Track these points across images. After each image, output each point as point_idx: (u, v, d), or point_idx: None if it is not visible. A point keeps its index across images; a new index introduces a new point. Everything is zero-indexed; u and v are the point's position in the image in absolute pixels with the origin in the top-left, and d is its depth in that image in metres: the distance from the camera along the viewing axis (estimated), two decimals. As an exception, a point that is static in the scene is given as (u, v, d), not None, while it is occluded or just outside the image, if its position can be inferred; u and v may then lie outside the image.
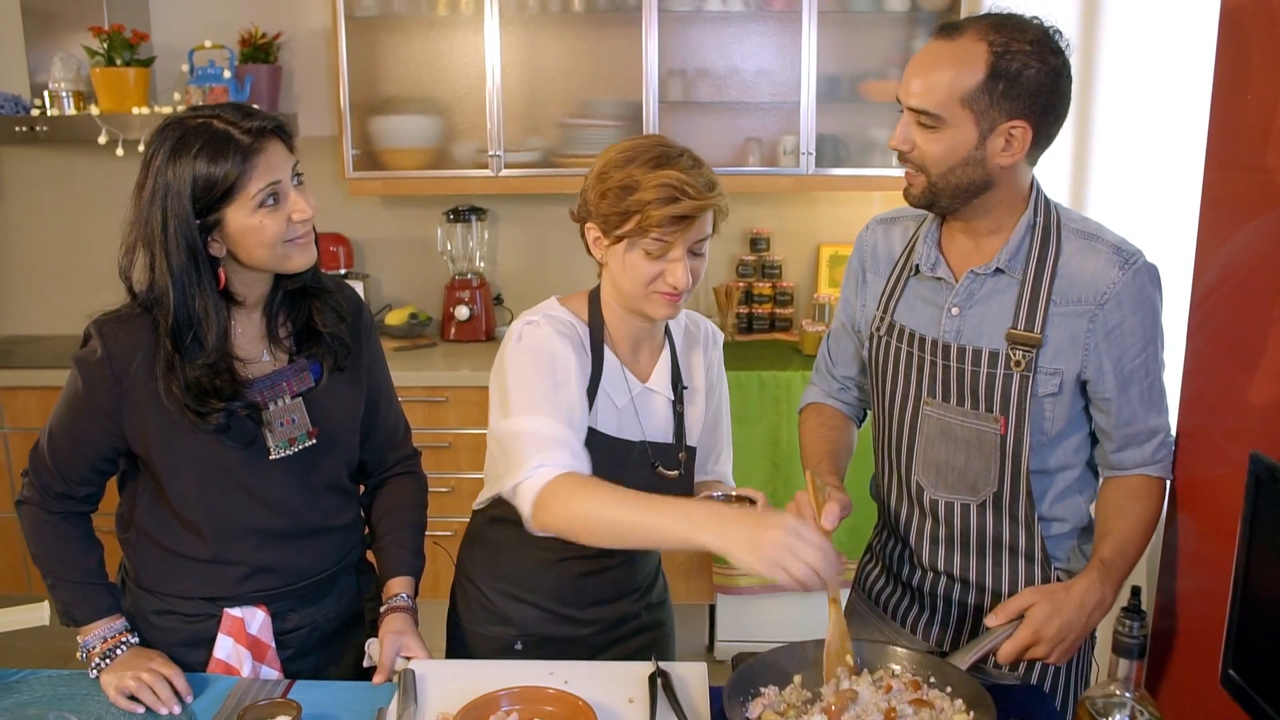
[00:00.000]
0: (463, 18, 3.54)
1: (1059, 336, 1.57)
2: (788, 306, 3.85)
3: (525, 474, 1.53)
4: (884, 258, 1.75)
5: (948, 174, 1.54)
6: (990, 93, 1.48)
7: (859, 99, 3.61)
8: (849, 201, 3.89)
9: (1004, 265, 1.59)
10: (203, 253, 1.54)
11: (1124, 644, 1.21)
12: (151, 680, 1.57)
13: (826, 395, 1.90)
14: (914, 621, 1.76)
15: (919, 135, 1.54)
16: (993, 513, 1.63)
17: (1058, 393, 1.58)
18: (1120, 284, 1.55)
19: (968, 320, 1.61)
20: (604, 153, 1.66)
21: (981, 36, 1.49)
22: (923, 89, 1.51)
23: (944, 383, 1.63)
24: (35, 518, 1.68)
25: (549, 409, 1.58)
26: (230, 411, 1.58)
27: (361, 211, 3.93)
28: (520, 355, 1.64)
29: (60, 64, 3.50)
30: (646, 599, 1.87)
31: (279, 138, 1.56)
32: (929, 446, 1.66)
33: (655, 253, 1.58)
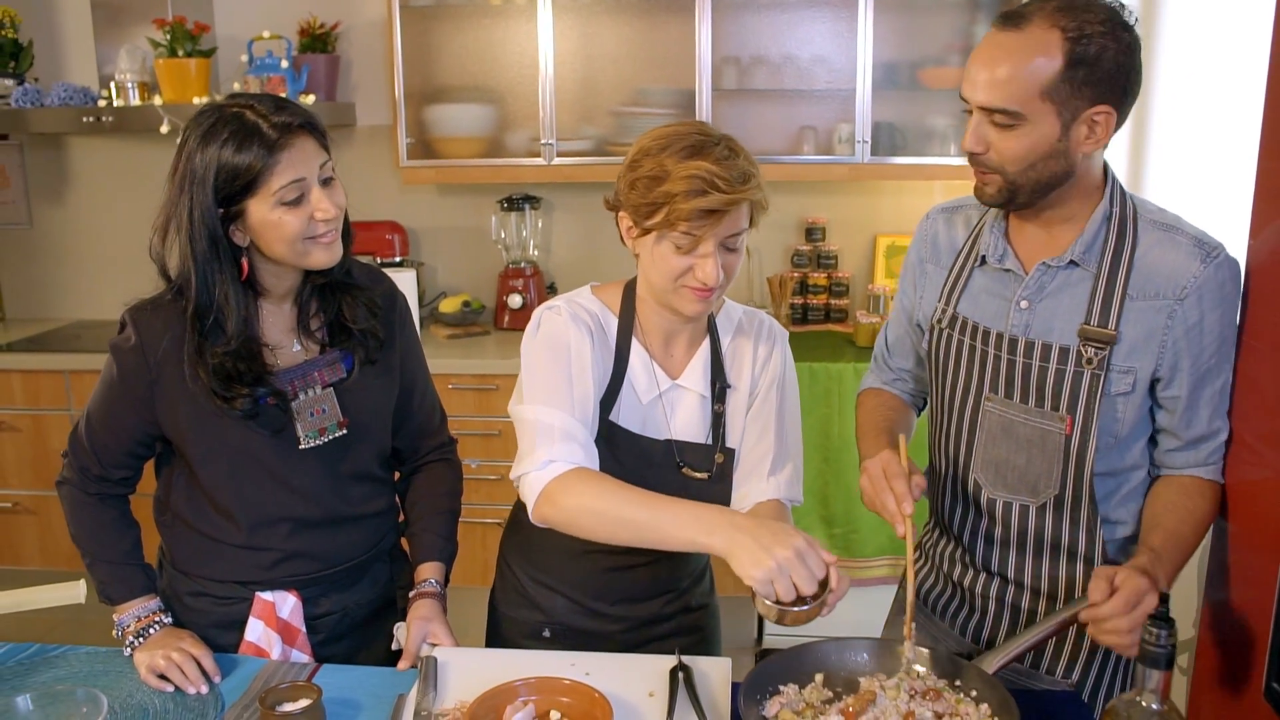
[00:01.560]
0: (516, 6, 3.54)
1: (1134, 333, 1.49)
2: (843, 297, 3.79)
3: (533, 466, 1.52)
4: (945, 248, 1.69)
5: (1028, 170, 1.46)
6: (1071, 81, 1.39)
7: (917, 86, 3.53)
8: (907, 191, 3.82)
9: (1078, 257, 1.51)
10: (224, 241, 1.55)
11: (1151, 653, 1.15)
12: (180, 660, 1.60)
13: (882, 384, 1.86)
14: (963, 623, 1.71)
15: (994, 134, 1.45)
16: (1053, 515, 1.57)
17: (1130, 392, 1.51)
18: (1202, 278, 1.47)
19: (1037, 314, 1.54)
20: (640, 138, 1.58)
21: (1052, 22, 1.40)
22: (996, 85, 1.41)
23: (1008, 378, 1.57)
24: (74, 498, 1.72)
25: (561, 400, 1.56)
26: (257, 398, 1.60)
27: (416, 200, 3.96)
28: (538, 344, 1.61)
29: (126, 55, 3.58)
30: (684, 601, 1.81)
31: (310, 133, 1.55)
32: (989, 444, 1.60)
33: (684, 247, 1.51)
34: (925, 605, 1.78)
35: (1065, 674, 1.62)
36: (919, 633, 1.76)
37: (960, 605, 1.72)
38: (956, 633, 1.72)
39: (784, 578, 1.30)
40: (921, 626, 1.77)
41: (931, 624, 1.76)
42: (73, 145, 4.05)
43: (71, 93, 3.62)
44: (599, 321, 1.65)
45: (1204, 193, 2.07)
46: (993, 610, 1.67)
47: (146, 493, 1.79)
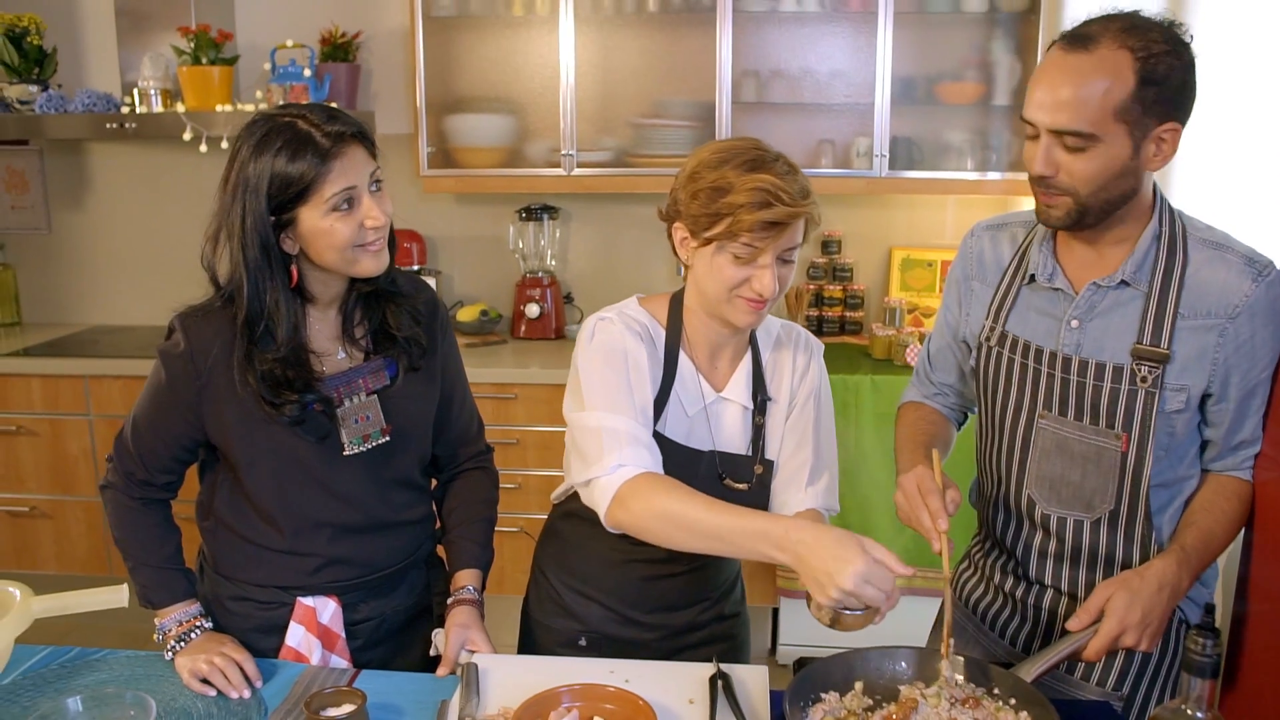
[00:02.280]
0: (538, 18, 3.57)
1: (1187, 352, 1.51)
2: (858, 310, 3.82)
3: (604, 470, 1.52)
4: (992, 266, 1.70)
5: (1099, 191, 1.46)
6: (1142, 101, 1.40)
7: (934, 101, 3.56)
8: (922, 205, 3.84)
9: (1129, 277, 1.53)
10: (275, 249, 1.57)
11: (1196, 662, 1.17)
12: (223, 664, 1.62)
13: (923, 397, 1.87)
14: (1014, 633, 1.73)
15: (1064, 157, 1.44)
16: (1107, 530, 1.59)
17: (1184, 409, 1.53)
18: (1254, 296, 1.49)
19: (1088, 333, 1.56)
20: (696, 152, 1.62)
21: (1120, 43, 1.40)
22: (1068, 107, 1.41)
23: (1061, 397, 1.58)
24: (118, 502, 1.73)
25: (625, 406, 1.57)
26: (304, 404, 1.62)
27: (435, 209, 3.98)
28: (594, 351, 1.63)
29: (149, 63, 3.60)
30: (718, 609, 1.84)
31: (361, 143, 1.58)
32: (1043, 461, 1.61)
33: (744, 258, 1.54)
34: (975, 614, 1.79)
35: (1116, 685, 1.63)
36: (970, 644, 1.78)
37: (1011, 615, 1.73)
38: (1007, 643, 1.73)
39: (867, 588, 1.33)
40: (972, 637, 1.79)
41: (982, 634, 1.78)
42: (93, 151, 4.08)
43: (95, 99, 3.64)
44: (649, 332, 1.67)
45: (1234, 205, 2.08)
46: (1045, 620, 1.68)
47: (185, 499, 1.81)
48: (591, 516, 1.71)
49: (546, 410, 3.49)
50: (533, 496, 3.52)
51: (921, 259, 3.82)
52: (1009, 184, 3.51)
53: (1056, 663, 1.47)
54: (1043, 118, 1.44)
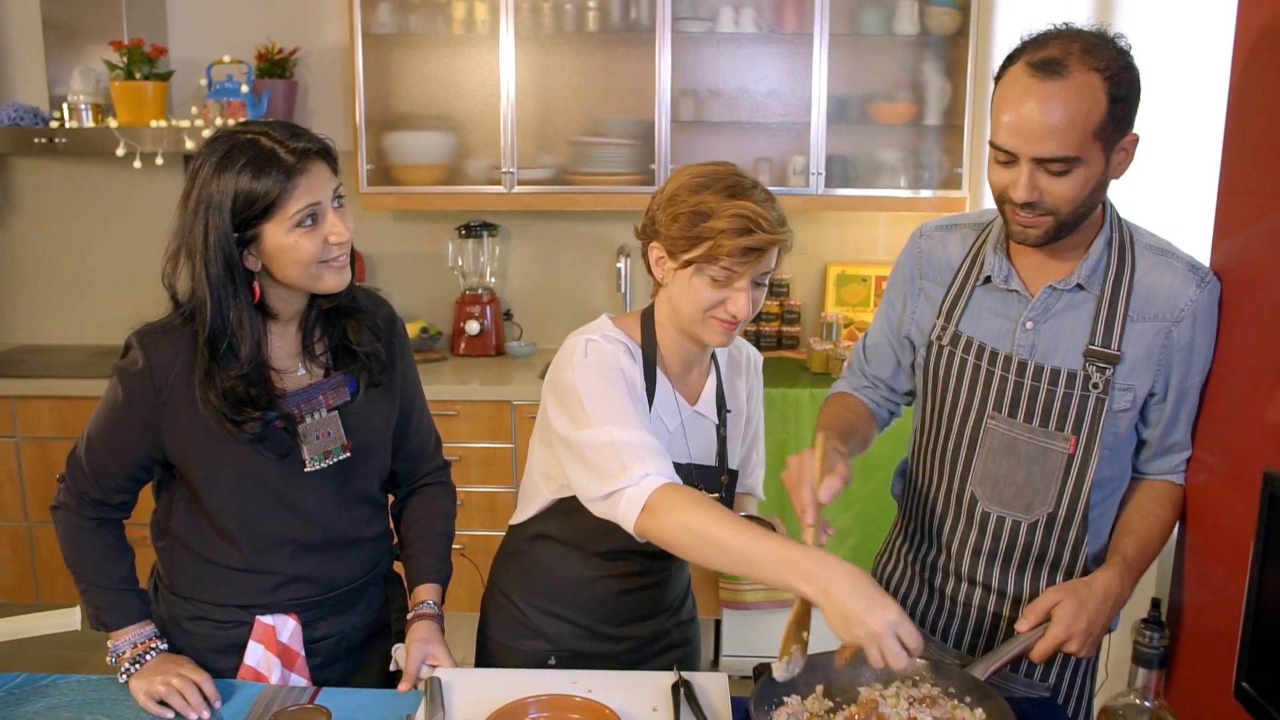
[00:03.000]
0: (478, 36, 3.59)
1: (1135, 352, 1.58)
2: (795, 325, 3.89)
3: (630, 480, 1.50)
4: (942, 265, 1.74)
5: (1079, 208, 1.51)
6: (1114, 117, 1.46)
7: (868, 120, 3.66)
8: (856, 222, 3.94)
9: (1084, 281, 1.59)
10: (239, 266, 1.57)
11: (1144, 654, 1.24)
12: (181, 685, 1.60)
13: (853, 390, 1.91)
14: (943, 628, 1.78)
15: (1046, 181, 1.48)
16: (1043, 532, 1.65)
17: (1129, 409, 1.60)
18: (1197, 301, 1.57)
19: (1042, 335, 1.62)
20: (675, 175, 1.65)
21: (1087, 65, 1.44)
22: (1054, 135, 1.44)
23: (1013, 398, 1.63)
24: (70, 523, 1.70)
25: (632, 419, 1.56)
26: (266, 422, 1.61)
27: (374, 226, 3.97)
28: (590, 369, 1.62)
29: (80, 77, 3.54)
30: (677, 617, 1.88)
31: (324, 159, 1.59)
32: (989, 460, 1.66)
33: (721, 280, 1.57)
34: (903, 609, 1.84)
35: (1043, 677, 1.71)
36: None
37: (939, 611, 1.79)
38: (938, 638, 1.79)
39: (873, 649, 1.31)
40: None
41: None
42: (19, 167, 3.98)
43: (22, 113, 3.56)
44: (630, 351, 1.69)
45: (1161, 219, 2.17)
46: (974, 617, 1.74)
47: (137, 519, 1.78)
48: (564, 537, 1.73)
49: (488, 427, 3.49)
50: (475, 513, 3.52)
51: (856, 274, 3.91)
52: (941, 201, 3.62)
53: (1007, 662, 1.53)
54: (1025, 147, 1.46)
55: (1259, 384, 1.52)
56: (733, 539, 1.43)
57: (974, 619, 1.74)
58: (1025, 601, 1.69)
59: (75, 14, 3.64)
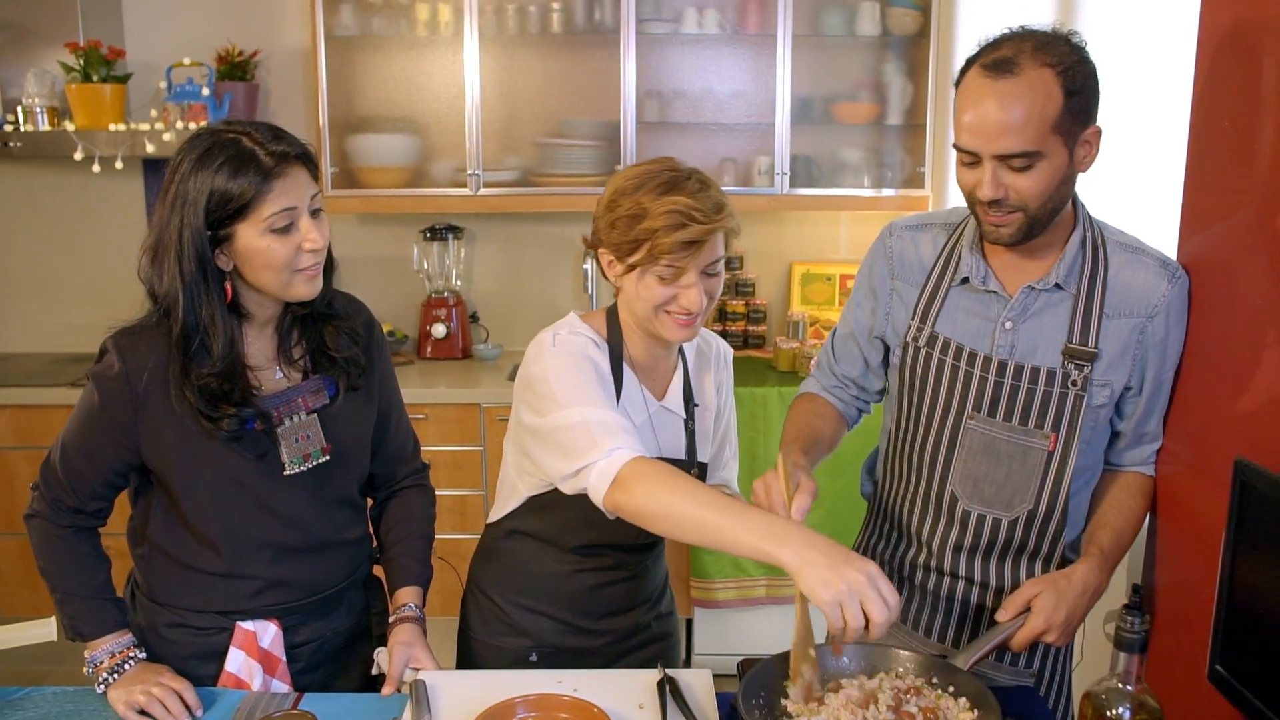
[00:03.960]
0: (442, 38, 3.58)
1: (1111, 348, 1.61)
2: (761, 324, 3.92)
3: (600, 455, 1.50)
4: (915, 266, 1.75)
5: (1047, 203, 1.53)
6: (1071, 111, 1.49)
7: (831, 120, 3.69)
8: (819, 221, 3.97)
9: (1062, 280, 1.62)
10: (211, 264, 1.56)
11: (1126, 639, 1.27)
12: (161, 694, 1.58)
13: (822, 389, 1.91)
14: (915, 618, 1.80)
15: (1011, 177, 1.51)
16: (1023, 528, 1.68)
17: (1106, 404, 1.64)
18: (1170, 296, 1.61)
19: (1021, 335, 1.64)
20: (613, 179, 1.66)
21: (1040, 62, 1.48)
22: (1011, 132, 1.47)
23: (992, 398, 1.65)
24: (45, 531, 1.68)
25: (605, 402, 1.58)
26: (242, 419, 1.60)
27: (338, 229, 3.88)
28: (560, 357, 1.63)
29: (34, 79, 3.48)
30: (657, 609, 1.90)
31: (304, 165, 1.58)
32: (969, 460, 1.68)
33: (668, 278, 1.60)
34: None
35: (1027, 664, 1.73)
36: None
37: (920, 606, 1.80)
38: (910, 628, 1.81)
39: (854, 602, 1.28)
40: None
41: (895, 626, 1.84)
42: (-30, 172, 3.90)
43: (-26, 118, 3.49)
44: (596, 346, 1.71)
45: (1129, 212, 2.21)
46: (958, 610, 1.76)
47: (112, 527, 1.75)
48: (539, 533, 1.73)
49: (457, 430, 3.48)
50: (445, 516, 3.46)
51: (821, 273, 3.95)
52: (904, 200, 3.66)
53: (988, 651, 1.55)
54: (986, 146, 1.50)
55: (1227, 375, 1.56)
56: (704, 508, 1.42)
57: (957, 611, 1.76)
58: (1006, 591, 1.71)
59: (28, 15, 3.57)
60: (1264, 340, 1.47)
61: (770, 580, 3.48)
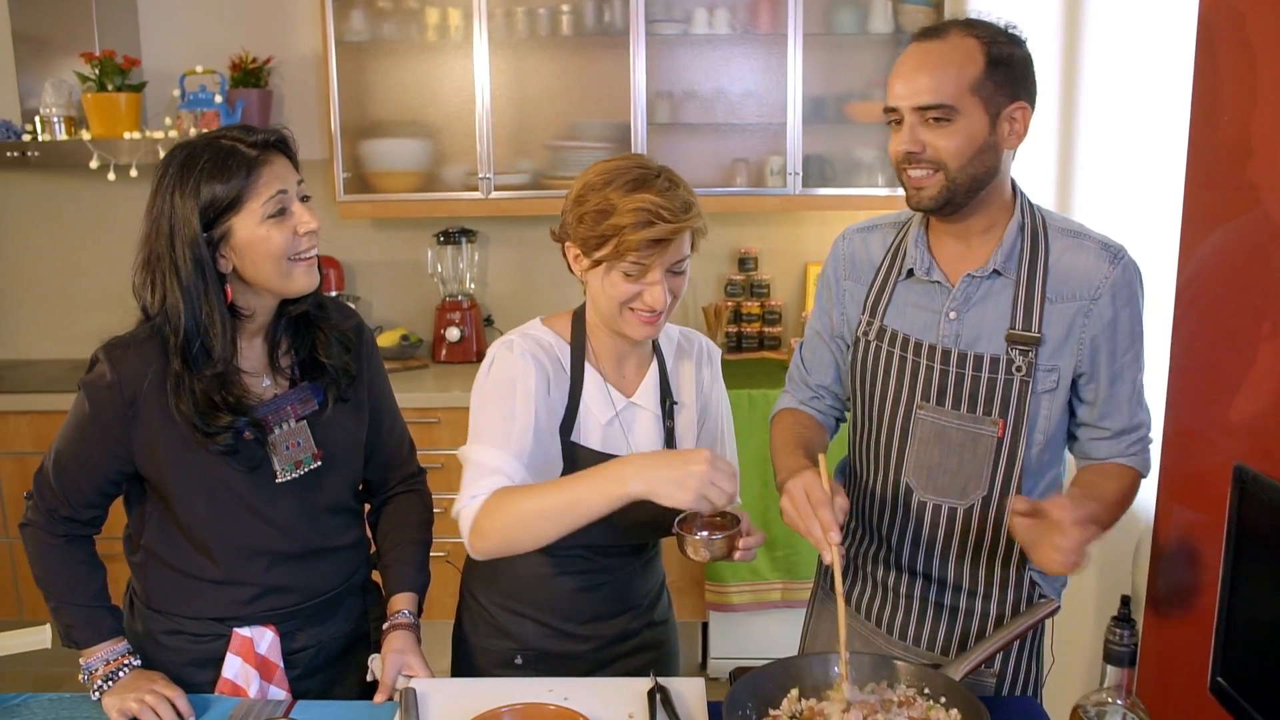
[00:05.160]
0: (452, 42, 3.58)
1: (1055, 333, 1.61)
2: (776, 325, 3.89)
3: (462, 503, 1.60)
4: (864, 264, 1.77)
5: (966, 166, 1.57)
6: (993, 80, 1.55)
7: (844, 119, 3.66)
8: (834, 220, 3.93)
9: (1000, 266, 1.63)
10: (210, 267, 1.57)
11: (1115, 652, 1.24)
12: (154, 702, 1.59)
13: (799, 403, 1.90)
14: (889, 620, 1.79)
15: (929, 134, 1.56)
16: (979, 518, 1.67)
17: (1054, 389, 1.63)
18: (1112, 278, 1.61)
19: (966, 324, 1.65)
20: (583, 174, 1.67)
21: (967, 32, 1.57)
22: (930, 85, 1.54)
23: (940, 387, 1.66)
24: (39, 540, 1.69)
25: (497, 438, 1.63)
26: (238, 431, 1.60)
27: (352, 234, 3.95)
28: (488, 384, 1.68)
29: (51, 89, 3.52)
30: (648, 616, 1.88)
31: (283, 152, 1.60)
32: (921, 449, 1.69)
33: (634, 275, 1.60)
34: (848, 604, 1.84)
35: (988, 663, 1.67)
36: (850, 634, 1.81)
37: (883, 604, 1.80)
38: (884, 630, 1.79)
39: (712, 487, 1.43)
40: (854, 631, 1.82)
41: (857, 622, 1.83)
42: (-8, 181, 3.95)
43: (-7, 127, 3.54)
44: (551, 352, 1.72)
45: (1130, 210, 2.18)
46: (917, 608, 1.76)
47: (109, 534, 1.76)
48: None
49: (471, 433, 3.48)
50: (459, 520, 3.50)
51: (835, 273, 3.91)
52: (917, 199, 3.61)
53: (982, 660, 1.52)
54: (905, 100, 1.57)
55: (1226, 378, 1.52)
56: (550, 500, 1.53)
57: (916, 610, 1.76)
58: (966, 590, 1.71)
59: (46, 26, 3.61)
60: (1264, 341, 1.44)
61: (785, 584, 3.45)
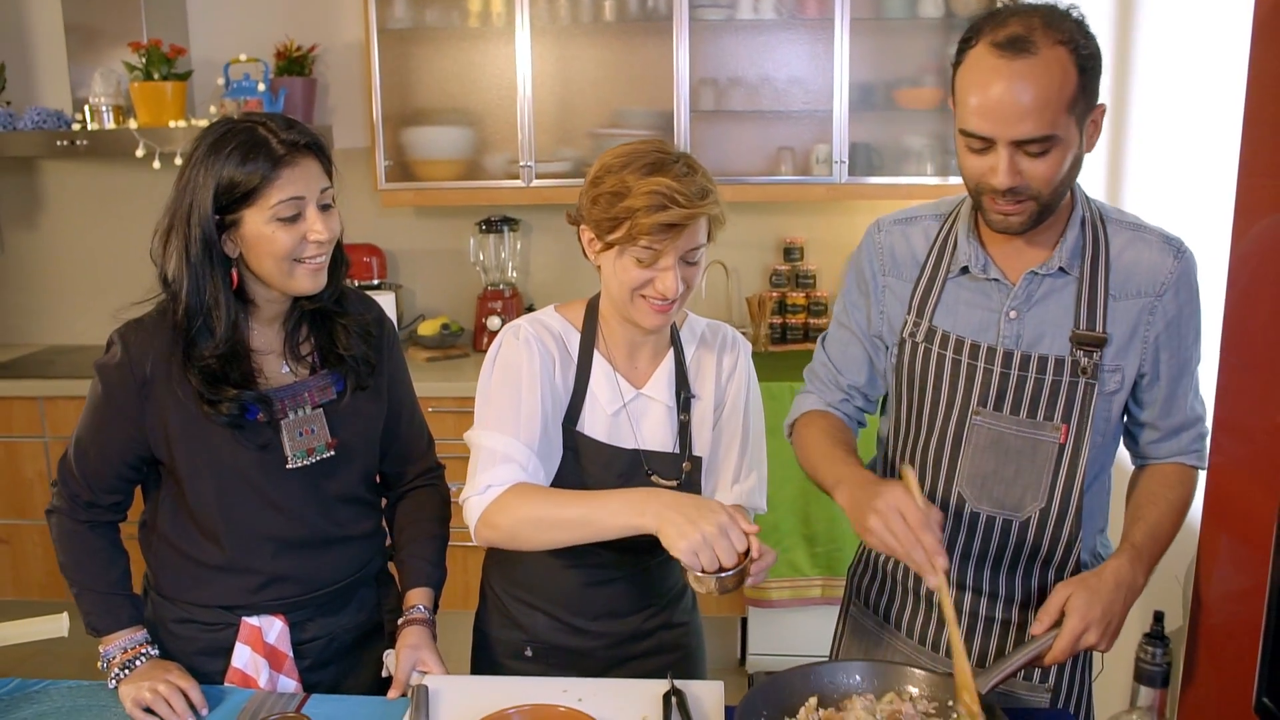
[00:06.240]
0: (494, 29, 3.56)
1: (1120, 332, 1.54)
2: (821, 316, 3.81)
3: (474, 491, 1.58)
4: (906, 259, 1.65)
5: (1059, 188, 1.45)
6: (1084, 90, 1.41)
7: (893, 106, 3.57)
8: (883, 210, 3.82)
9: (1065, 264, 1.54)
10: (217, 247, 1.57)
11: (1146, 671, 1.17)
12: (167, 692, 1.58)
13: (829, 406, 1.75)
14: (922, 635, 1.70)
15: (1026, 163, 1.42)
16: (1035, 530, 1.58)
17: (1118, 390, 1.55)
18: (1177, 272, 1.53)
19: (1027, 324, 1.55)
20: (601, 156, 1.63)
21: (1052, 39, 1.38)
22: (1031, 115, 1.37)
23: (999, 391, 1.56)
24: (63, 527, 1.70)
25: (506, 424, 1.61)
26: (242, 404, 1.60)
27: (394, 222, 3.95)
28: (495, 370, 1.66)
29: (100, 79, 3.56)
30: (666, 616, 1.82)
31: (315, 156, 1.58)
32: (975, 457, 1.59)
33: (646, 260, 1.56)
34: (878, 615, 1.76)
35: (1042, 679, 1.62)
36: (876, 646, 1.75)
37: (927, 620, 1.70)
38: (916, 641, 1.71)
39: (708, 549, 1.40)
40: (876, 638, 1.76)
41: (888, 634, 1.75)
42: (45, 169, 4.02)
43: (45, 116, 3.59)
44: (560, 339, 1.69)
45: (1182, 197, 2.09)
46: (965, 623, 1.66)
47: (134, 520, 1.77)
48: None
49: (510, 423, 3.46)
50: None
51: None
52: (968, 188, 3.52)
53: (1012, 672, 1.45)
54: (1001, 130, 1.40)
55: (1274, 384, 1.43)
56: (566, 510, 1.51)
57: (964, 625, 1.66)
58: (1018, 602, 1.62)
59: (96, 16, 3.66)
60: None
61: (825, 580, 3.39)
